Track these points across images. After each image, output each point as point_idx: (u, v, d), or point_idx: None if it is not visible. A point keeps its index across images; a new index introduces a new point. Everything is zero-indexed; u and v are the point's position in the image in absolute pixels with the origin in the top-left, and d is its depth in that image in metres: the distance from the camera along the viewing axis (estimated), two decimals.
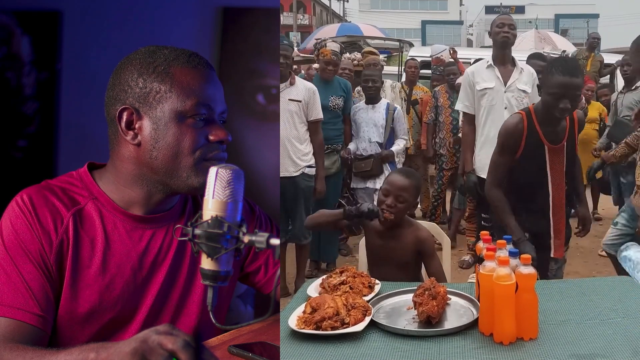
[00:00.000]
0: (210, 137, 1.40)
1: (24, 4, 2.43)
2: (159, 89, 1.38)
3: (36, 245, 1.34)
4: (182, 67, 1.40)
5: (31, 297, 1.31)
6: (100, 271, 1.39)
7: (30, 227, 1.34)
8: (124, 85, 1.40)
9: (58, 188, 1.41)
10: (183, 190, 1.43)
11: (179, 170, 1.39)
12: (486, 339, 1.58)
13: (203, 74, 1.42)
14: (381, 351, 1.56)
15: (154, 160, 1.39)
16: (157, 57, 1.40)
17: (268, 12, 2.38)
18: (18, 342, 1.26)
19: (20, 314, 1.29)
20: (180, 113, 1.37)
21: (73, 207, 1.39)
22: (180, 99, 1.37)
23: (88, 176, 1.45)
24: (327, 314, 1.65)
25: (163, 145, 1.38)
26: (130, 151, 1.41)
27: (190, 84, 1.39)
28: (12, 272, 1.31)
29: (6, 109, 2.44)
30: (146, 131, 1.38)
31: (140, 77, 1.39)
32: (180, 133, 1.38)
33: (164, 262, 1.47)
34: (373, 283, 1.96)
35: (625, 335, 1.55)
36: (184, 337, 1.14)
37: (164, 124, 1.38)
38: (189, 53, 1.43)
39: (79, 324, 1.38)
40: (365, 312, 1.70)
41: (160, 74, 1.38)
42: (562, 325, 1.64)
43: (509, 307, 1.53)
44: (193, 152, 1.39)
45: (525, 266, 1.57)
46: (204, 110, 1.39)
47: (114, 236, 1.42)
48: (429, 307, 1.66)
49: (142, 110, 1.39)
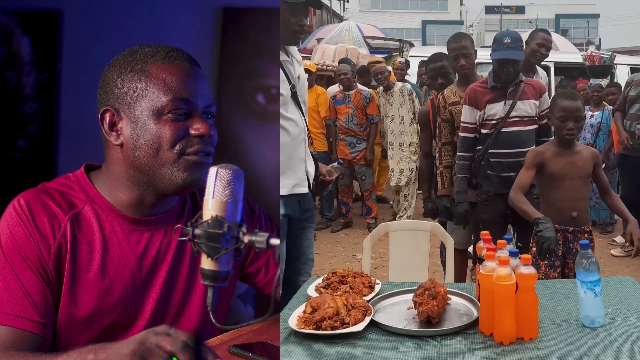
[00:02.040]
0: (191, 131, 1.36)
1: (24, 4, 2.43)
2: (135, 87, 1.36)
3: (34, 251, 1.33)
4: (159, 63, 1.37)
5: (30, 304, 1.30)
6: (99, 275, 1.38)
7: (28, 232, 1.33)
8: (106, 87, 1.39)
9: (55, 191, 1.40)
10: (170, 190, 1.40)
11: (162, 167, 1.37)
12: (486, 339, 1.58)
13: (181, 68, 1.38)
14: (381, 351, 1.56)
15: (137, 159, 1.37)
16: (137, 56, 1.39)
17: (268, 12, 2.38)
18: (18, 349, 1.26)
19: (20, 321, 1.28)
20: (157, 110, 1.35)
21: (70, 211, 1.38)
22: (156, 95, 1.35)
23: (85, 178, 1.44)
24: (327, 314, 1.65)
25: (143, 143, 1.36)
26: (117, 153, 1.40)
27: (166, 80, 1.36)
28: (10, 279, 1.30)
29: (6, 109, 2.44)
30: (127, 131, 1.37)
31: (119, 78, 1.38)
32: (159, 129, 1.35)
33: (163, 264, 1.46)
34: (373, 283, 1.96)
35: (626, 336, 1.55)
36: (183, 338, 1.14)
37: (143, 122, 1.35)
38: (168, 49, 1.40)
39: (78, 328, 1.37)
40: (365, 312, 1.70)
41: (137, 73, 1.37)
42: (562, 325, 1.64)
43: (509, 307, 1.53)
44: (172, 147, 1.35)
45: (526, 266, 1.57)
46: (183, 105, 1.36)
47: (112, 239, 1.41)
48: (429, 307, 1.66)
49: (122, 110, 1.37)
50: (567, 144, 2.55)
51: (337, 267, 2.53)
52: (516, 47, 2.89)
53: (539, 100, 2.95)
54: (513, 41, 2.88)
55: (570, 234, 2.57)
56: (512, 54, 2.86)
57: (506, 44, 2.88)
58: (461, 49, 3.17)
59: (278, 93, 2.33)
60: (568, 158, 2.55)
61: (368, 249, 2.56)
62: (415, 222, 2.96)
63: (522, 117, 2.93)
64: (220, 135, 1.46)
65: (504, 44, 2.88)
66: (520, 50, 2.93)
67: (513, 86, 2.91)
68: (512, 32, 3.04)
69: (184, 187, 1.39)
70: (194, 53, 1.46)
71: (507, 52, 2.86)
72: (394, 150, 5.55)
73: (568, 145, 2.55)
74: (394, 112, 5.53)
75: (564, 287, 1.96)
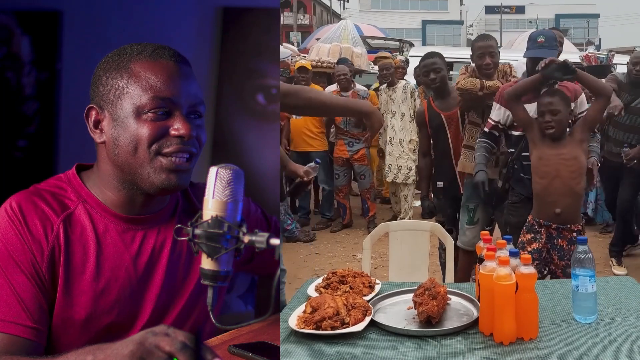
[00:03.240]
0: (171, 131, 1.33)
1: (24, 4, 2.43)
2: (117, 85, 1.35)
3: (27, 255, 1.30)
4: (142, 61, 1.35)
5: (23, 309, 1.28)
6: (95, 276, 1.36)
7: (20, 236, 1.31)
8: (94, 85, 1.39)
9: (47, 193, 1.38)
10: (151, 190, 1.37)
11: (140, 167, 1.34)
12: (486, 339, 1.58)
13: (165, 66, 1.35)
14: (381, 351, 1.56)
15: (117, 157, 1.35)
16: (123, 54, 1.37)
17: (268, 12, 2.38)
18: (12, 355, 1.24)
19: (13, 327, 1.26)
20: (137, 108, 1.32)
21: (63, 213, 1.36)
22: (136, 93, 1.33)
23: (76, 178, 1.42)
24: (327, 313, 1.65)
25: (122, 141, 1.34)
26: (102, 151, 1.39)
27: (147, 78, 1.33)
28: (3, 284, 1.28)
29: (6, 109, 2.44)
30: (108, 129, 1.36)
31: (104, 75, 1.37)
32: (138, 128, 1.32)
33: (159, 263, 1.44)
34: (373, 283, 1.96)
35: (625, 335, 1.55)
36: (182, 338, 1.13)
37: (123, 121, 1.33)
38: (155, 47, 1.38)
39: (75, 330, 1.36)
40: (365, 312, 1.70)
41: (120, 70, 1.35)
42: (562, 325, 1.64)
43: (509, 307, 1.53)
44: (149, 146, 1.33)
45: (526, 266, 1.57)
46: (164, 104, 1.33)
47: (105, 239, 1.39)
48: (429, 307, 1.66)
49: (105, 108, 1.36)
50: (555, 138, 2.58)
51: (337, 267, 2.53)
52: (550, 46, 2.78)
53: (575, 102, 2.82)
54: (547, 40, 2.79)
55: (554, 231, 2.57)
56: (545, 52, 2.74)
57: (540, 42, 2.79)
58: (487, 48, 3.18)
59: (278, 93, 2.34)
60: (556, 150, 2.58)
61: (368, 249, 2.57)
62: (415, 222, 2.96)
63: None
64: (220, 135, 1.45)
65: (538, 42, 2.80)
66: (554, 49, 2.80)
67: (547, 87, 2.75)
68: (547, 31, 2.95)
69: (162, 189, 1.36)
70: (194, 53, 1.45)
71: (540, 51, 2.75)
72: (393, 146, 5.54)
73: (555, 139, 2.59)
74: (395, 108, 5.52)
75: (564, 287, 1.96)
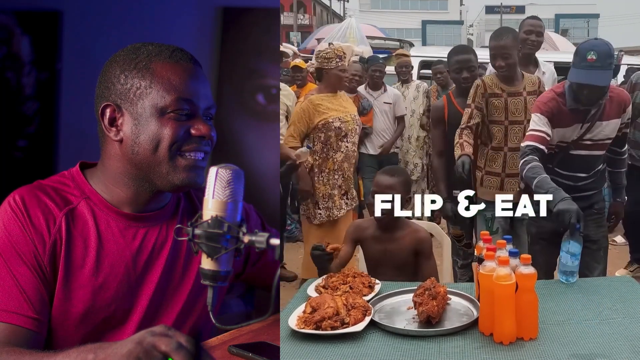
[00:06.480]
0: (192, 131, 1.37)
1: (24, 4, 2.43)
2: (139, 84, 1.37)
3: (30, 247, 1.33)
4: (163, 62, 1.38)
5: (25, 300, 1.30)
6: (94, 271, 1.38)
7: (23, 228, 1.33)
8: (107, 83, 1.39)
9: (50, 188, 1.40)
10: (166, 187, 1.40)
11: (159, 165, 1.37)
12: (486, 339, 1.58)
13: (185, 69, 1.39)
14: (381, 351, 1.56)
15: (135, 156, 1.38)
16: (140, 53, 1.39)
17: (268, 12, 2.38)
18: (14, 345, 1.25)
19: (15, 317, 1.28)
20: (160, 108, 1.36)
21: (65, 207, 1.38)
22: (160, 94, 1.36)
23: (80, 175, 1.45)
24: (327, 313, 1.65)
25: (144, 140, 1.36)
26: (115, 148, 1.40)
27: (170, 79, 1.37)
28: (5, 275, 1.30)
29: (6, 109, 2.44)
30: (127, 127, 1.37)
31: (122, 74, 1.38)
32: (160, 127, 1.35)
33: (158, 261, 1.46)
34: (373, 283, 1.96)
35: (625, 335, 1.55)
36: (179, 339, 1.14)
37: (145, 120, 1.36)
38: (172, 48, 1.41)
39: (73, 324, 1.37)
40: (365, 312, 1.70)
41: (141, 70, 1.37)
42: (562, 325, 1.64)
43: (509, 307, 1.53)
44: (171, 145, 1.36)
45: (525, 266, 1.57)
46: (186, 106, 1.37)
47: (107, 235, 1.41)
48: (429, 307, 1.66)
49: (124, 106, 1.38)
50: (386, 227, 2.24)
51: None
52: (603, 65, 2.21)
53: (623, 114, 2.40)
54: (600, 58, 2.21)
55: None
56: (596, 77, 2.22)
57: (590, 61, 2.21)
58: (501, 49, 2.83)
59: (278, 93, 2.34)
60: (385, 244, 2.26)
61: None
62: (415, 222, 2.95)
63: (596, 141, 2.40)
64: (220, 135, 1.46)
65: (587, 61, 2.22)
66: (608, 69, 2.23)
67: (596, 107, 2.33)
68: (600, 43, 2.27)
69: (180, 186, 1.40)
70: (194, 53, 1.46)
71: (590, 75, 2.22)
72: (402, 141, 5.53)
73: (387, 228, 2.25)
74: (407, 104, 5.51)
75: (564, 287, 1.96)
